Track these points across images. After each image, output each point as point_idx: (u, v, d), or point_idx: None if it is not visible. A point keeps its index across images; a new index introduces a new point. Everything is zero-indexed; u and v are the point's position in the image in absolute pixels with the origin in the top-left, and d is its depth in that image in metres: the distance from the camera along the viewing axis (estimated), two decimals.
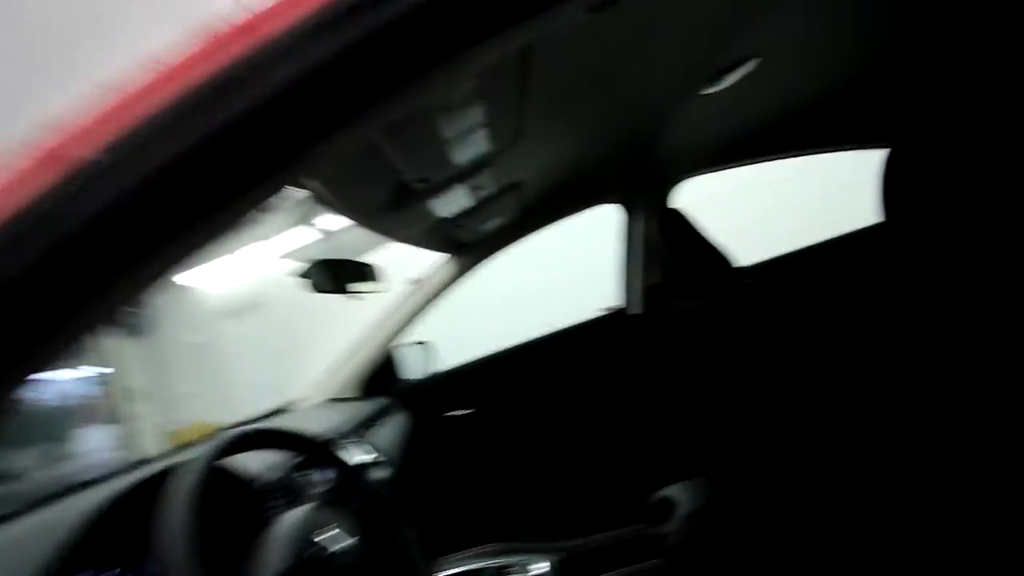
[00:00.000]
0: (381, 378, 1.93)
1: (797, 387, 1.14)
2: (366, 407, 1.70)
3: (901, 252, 0.92)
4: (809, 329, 1.30)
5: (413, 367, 2.06)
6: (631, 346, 1.89)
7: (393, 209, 0.94)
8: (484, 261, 1.81)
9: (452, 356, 2.16)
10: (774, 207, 3.57)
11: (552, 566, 1.00)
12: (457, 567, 1.08)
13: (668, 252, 1.42)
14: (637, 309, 1.90)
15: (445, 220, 1.34)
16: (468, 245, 1.73)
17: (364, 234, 1.11)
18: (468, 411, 1.98)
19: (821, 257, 1.86)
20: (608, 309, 2.08)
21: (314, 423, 1.23)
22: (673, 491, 1.04)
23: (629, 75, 1.06)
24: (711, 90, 1.19)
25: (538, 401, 1.91)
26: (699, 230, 1.38)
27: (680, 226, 1.39)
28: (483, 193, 1.25)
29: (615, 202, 1.84)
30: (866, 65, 1.26)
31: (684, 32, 0.94)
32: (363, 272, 1.34)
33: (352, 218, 1.01)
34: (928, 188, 0.82)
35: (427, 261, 1.82)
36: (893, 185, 0.91)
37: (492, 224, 1.62)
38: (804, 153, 1.78)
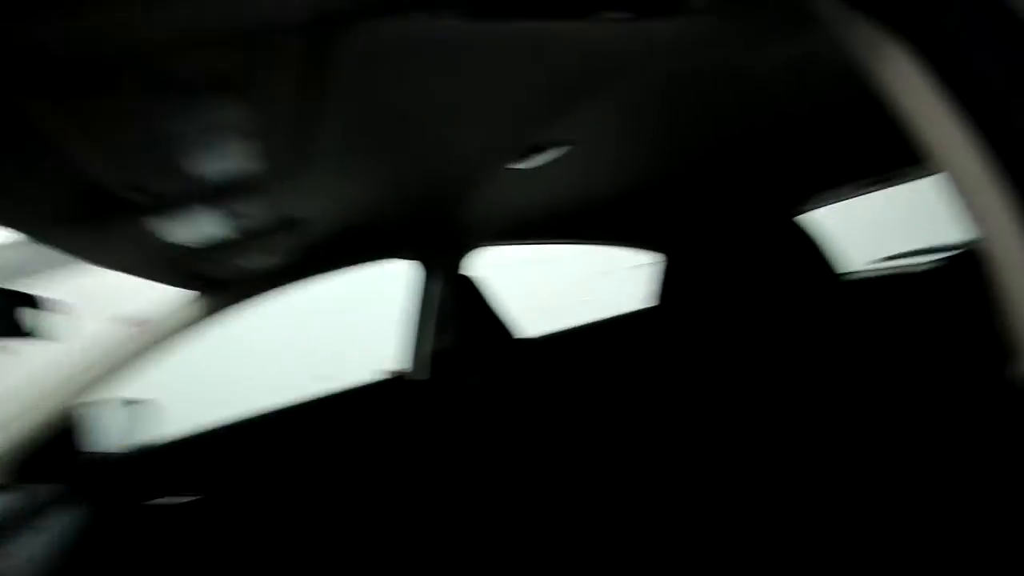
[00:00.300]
0: (55, 453, 1.36)
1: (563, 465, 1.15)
2: (19, 497, 1.15)
3: (671, 341, 1.01)
4: (585, 408, 1.34)
5: (110, 435, 1.53)
6: (412, 415, 1.72)
7: (86, 223, 0.63)
8: (242, 305, 1.47)
9: (179, 421, 1.68)
10: (557, 282, 3.93)
11: None
12: None
13: (457, 319, 1.35)
14: (423, 375, 1.76)
15: (189, 249, 1.02)
16: (221, 283, 1.38)
17: (39, 253, 0.74)
18: (188, 497, 1.52)
19: (599, 336, 2.02)
20: (390, 372, 1.90)
21: None
22: None
23: (440, 130, 0.98)
24: (519, 165, 1.19)
25: (291, 482, 1.57)
26: (490, 300, 1.34)
27: (472, 294, 1.34)
28: (247, 223, 0.98)
29: (411, 259, 1.71)
30: (659, 171, 1.43)
31: (500, 101, 0.90)
32: (19, 304, 0.90)
33: (15, 228, 0.66)
34: (698, 289, 0.93)
35: (159, 297, 1.40)
36: (670, 284, 1.00)
37: (258, 262, 1.32)
38: (594, 243, 1.94)
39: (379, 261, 1.69)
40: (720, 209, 1.34)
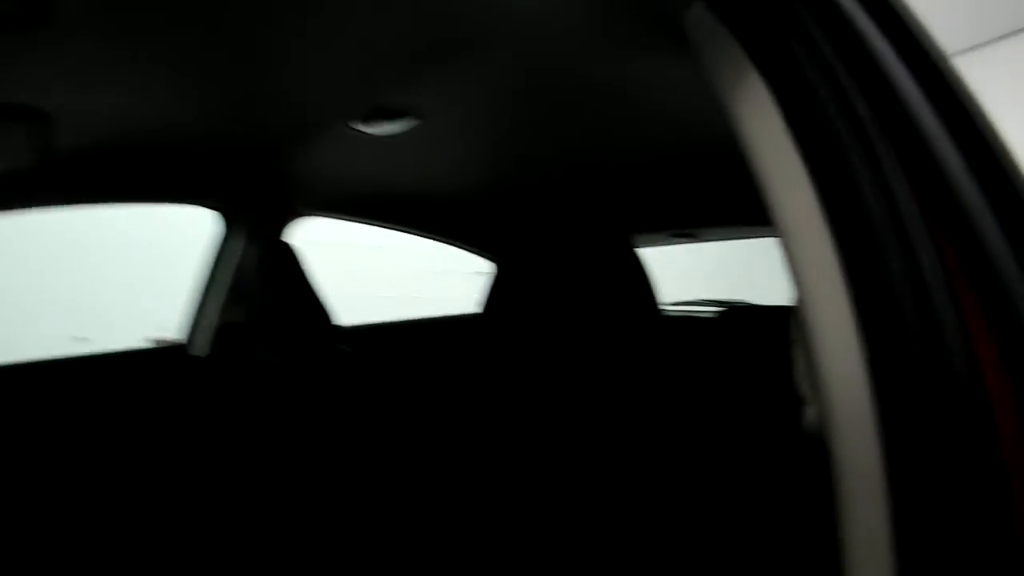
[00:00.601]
0: None
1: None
2: None
3: (495, 345, 0.97)
4: (399, 408, 1.23)
5: None
6: (188, 395, 1.41)
7: None
8: None
9: None
10: (388, 273, 3.73)
11: None
12: None
13: (265, 291, 1.13)
14: (203, 350, 1.46)
15: None
16: None
17: None
18: None
19: (418, 333, 1.91)
20: (159, 341, 1.55)
21: None
22: None
23: (275, 64, 0.80)
24: (362, 127, 1.04)
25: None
26: (305, 275, 1.15)
27: (285, 264, 1.13)
28: None
29: (214, 208, 1.41)
30: (500, 174, 1.38)
31: (347, 51, 0.76)
32: None
33: None
34: (522, 300, 0.90)
35: None
36: (498, 290, 0.95)
37: None
38: (431, 236, 1.83)
39: (171, 202, 1.37)
40: (556, 223, 1.36)
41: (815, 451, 0.33)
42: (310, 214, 1.55)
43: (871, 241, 0.30)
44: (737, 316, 1.54)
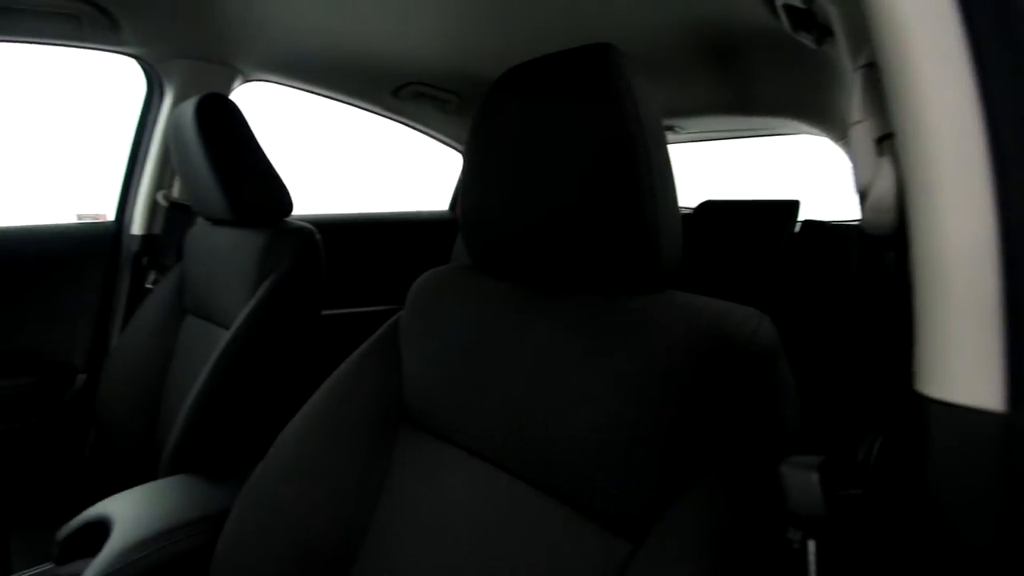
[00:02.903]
0: None
1: None
2: None
3: None
4: None
5: None
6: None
7: None
8: None
9: None
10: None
11: None
12: None
13: (212, 158, 0.96)
14: (144, 228, 1.32)
15: None
16: None
17: None
18: None
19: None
20: (88, 217, 1.40)
21: None
22: (111, 506, 0.65)
23: None
24: None
25: None
26: (253, 137, 1.00)
27: (230, 125, 0.98)
28: None
29: (134, 55, 1.21)
30: None
31: None
32: None
33: None
34: None
35: None
36: None
37: None
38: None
39: (85, 45, 1.14)
40: None
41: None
42: (255, 76, 1.36)
43: None
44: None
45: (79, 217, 1.39)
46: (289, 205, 1.01)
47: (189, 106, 0.94)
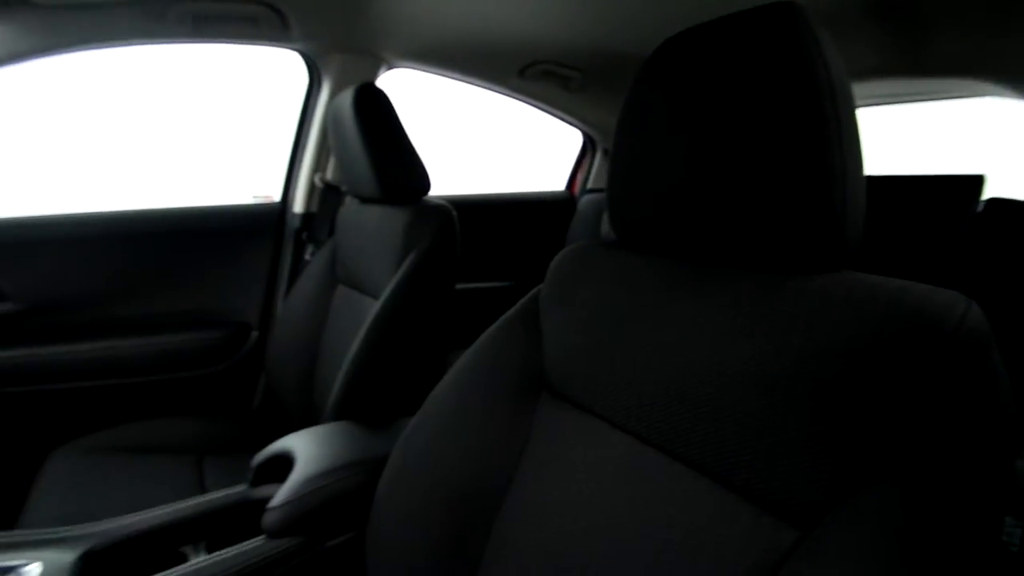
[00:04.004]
0: None
1: None
2: None
3: None
4: None
5: None
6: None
7: None
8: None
9: None
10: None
11: (52, 570, 0.58)
12: None
13: (366, 141, 1.05)
14: (304, 207, 1.50)
15: None
16: None
17: None
18: None
19: None
20: (261, 197, 1.60)
21: None
22: (292, 441, 0.76)
23: None
24: None
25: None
26: (402, 129, 1.08)
27: (381, 111, 1.07)
28: None
29: (299, 51, 1.36)
30: None
31: None
32: None
33: None
34: None
35: None
36: None
37: None
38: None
39: (252, 42, 1.30)
40: None
41: None
42: (398, 64, 1.46)
43: None
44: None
45: (254, 198, 1.61)
46: (428, 184, 1.09)
47: (348, 95, 1.04)
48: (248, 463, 1.12)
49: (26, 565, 0.58)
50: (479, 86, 1.60)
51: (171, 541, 0.68)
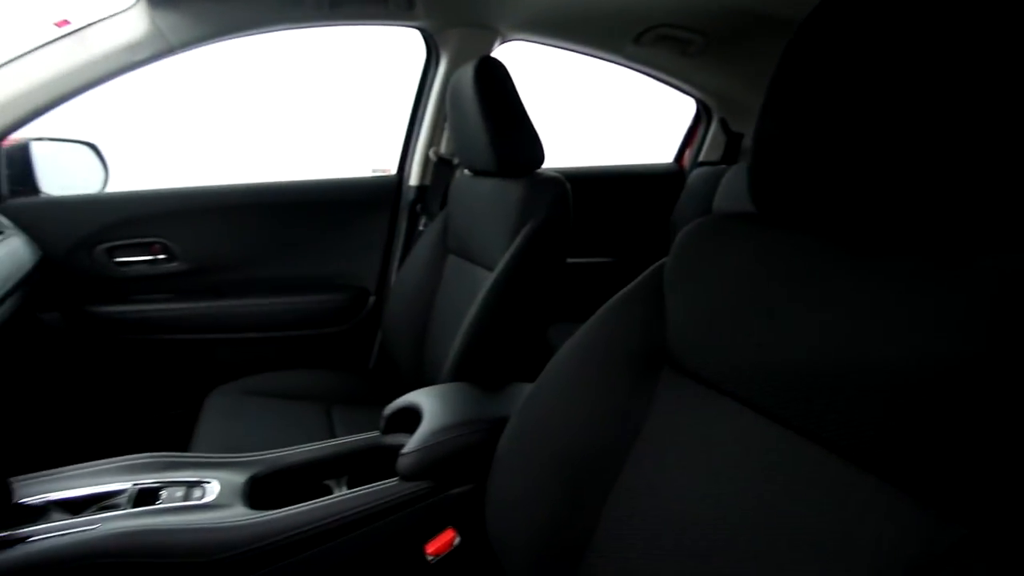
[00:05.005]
0: None
1: None
2: None
3: None
4: None
5: (55, 177, 1.34)
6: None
7: None
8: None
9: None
10: None
11: (228, 488, 0.69)
12: (83, 486, 0.66)
13: (486, 114, 1.06)
14: (418, 180, 1.58)
15: None
16: None
17: None
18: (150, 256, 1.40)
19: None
20: (380, 171, 1.71)
21: None
22: (418, 397, 0.82)
23: None
24: None
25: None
26: (520, 102, 1.09)
27: (501, 84, 1.08)
28: None
29: (420, 28, 1.41)
30: None
31: None
32: None
33: None
34: None
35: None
36: None
37: None
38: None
39: (377, 20, 1.36)
40: None
41: None
42: (513, 36, 1.47)
43: None
44: None
45: (373, 172, 1.72)
46: (543, 157, 1.09)
47: (468, 68, 1.07)
48: (368, 414, 1.23)
49: (209, 482, 0.69)
50: (591, 55, 1.56)
51: (318, 474, 0.78)
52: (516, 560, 0.61)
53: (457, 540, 0.72)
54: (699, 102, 1.85)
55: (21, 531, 0.59)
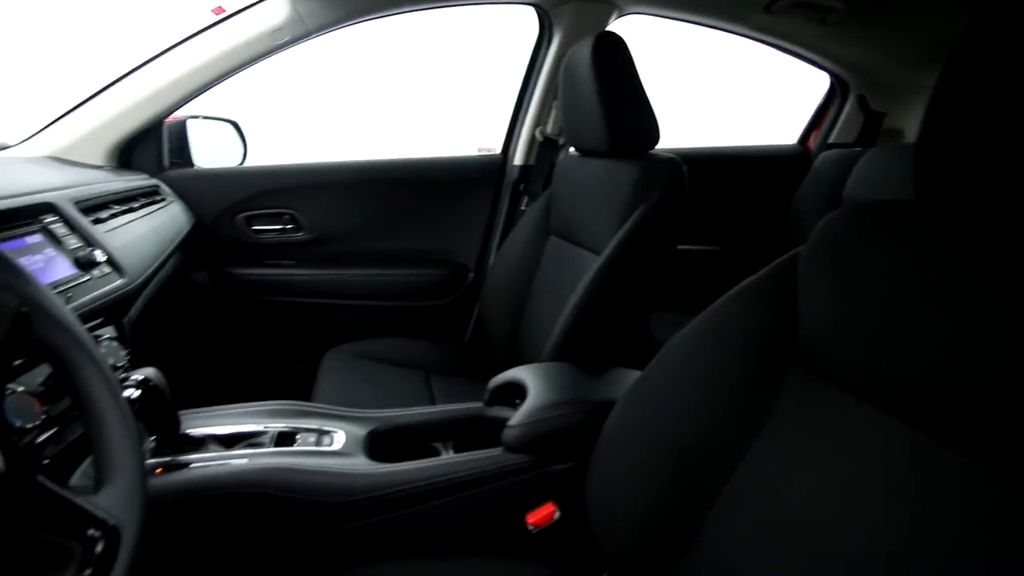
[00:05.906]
0: (146, 151, 1.37)
1: None
2: (114, 180, 1.16)
3: None
4: None
5: (205, 151, 1.51)
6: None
7: None
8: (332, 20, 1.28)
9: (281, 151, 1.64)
10: None
11: (351, 439, 0.75)
12: (231, 424, 0.76)
13: (602, 91, 1.03)
14: (523, 159, 1.59)
15: None
16: None
17: None
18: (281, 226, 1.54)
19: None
20: (485, 150, 1.73)
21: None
22: (523, 373, 0.84)
23: None
24: None
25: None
26: (639, 79, 1.04)
27: (620, 60, 1.03)
28: None
29: (534, 3, 1.38)
30: None
31: None
32: None
33: None
34: None
35: None
36: None
37: None
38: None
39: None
40: None
41: None
42: (631, 9, 1.41)
43: None
44: None
45: (479, 151, 1.75)
46: (657, 136, 1.04)
47: (586, 44, 1.04)
48: (464, 384, 1.27)
49: (336, 432, 0.75)
50: (713, 27, 1.46)
51: (428, 436, 0.82)
52: (618, 541, 0.61)
53: (557, 514, 0.73)
54: (834, 77, 1.67)
55: (184, 458, 0.69)
